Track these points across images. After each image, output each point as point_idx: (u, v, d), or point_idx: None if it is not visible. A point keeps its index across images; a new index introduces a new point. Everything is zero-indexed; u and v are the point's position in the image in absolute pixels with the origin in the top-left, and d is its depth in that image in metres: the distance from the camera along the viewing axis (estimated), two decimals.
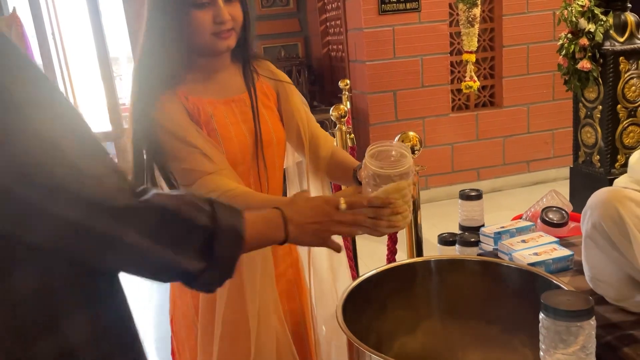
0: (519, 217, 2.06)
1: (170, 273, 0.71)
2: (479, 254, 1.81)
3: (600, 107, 2.61)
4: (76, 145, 0.62)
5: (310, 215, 0.92)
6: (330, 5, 4.94)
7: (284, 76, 1.36)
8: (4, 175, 0.57)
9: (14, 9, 5.13)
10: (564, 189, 3.32)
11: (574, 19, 2.50)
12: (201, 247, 0.71)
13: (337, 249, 1.00)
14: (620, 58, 2.50)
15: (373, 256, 3.04)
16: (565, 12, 2.55)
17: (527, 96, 4.29)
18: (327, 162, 1.36)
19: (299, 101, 1.36)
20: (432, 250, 2.09)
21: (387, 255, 1.84)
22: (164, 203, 0.68)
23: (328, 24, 5.14)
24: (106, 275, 0.71)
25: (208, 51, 1.15)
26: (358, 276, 1.25)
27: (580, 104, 2.74)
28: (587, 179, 2.70)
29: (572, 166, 2.96)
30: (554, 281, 1.15)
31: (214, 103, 1.18)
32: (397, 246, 1.88)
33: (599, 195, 1.22)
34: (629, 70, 2.49)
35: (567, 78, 2.70)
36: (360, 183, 1.14)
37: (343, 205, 0.95)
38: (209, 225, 0.72)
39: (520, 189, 4.36)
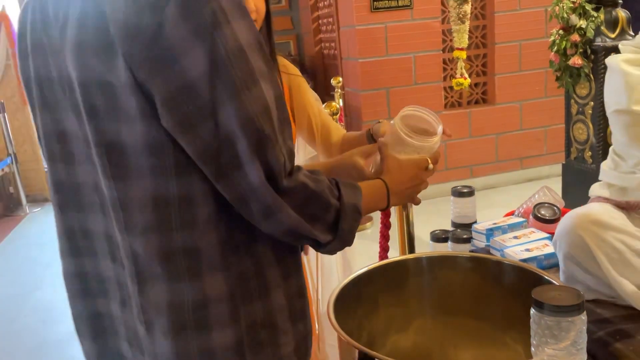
0: (511, 213, 2.06)
1: (305, 240, 0.84)
2: (472, 251, 1.80)
3: (592, 103, 2.62)
4: (279, 113, 0.76)
5: (406, 182, 1.00)
6: (322, 3, 4.93)
7: (295, 70, 1.34)
8: (230, 118, 0.71)
9: (3, 7, 5.10)
10: (557, 185, 3.32)
11: (565, 15, 2.50)
12: (330, 223, 0.84)
13: (418, 203, 1.09)
14: (612, 54, 2.49)
15: (365, 254, 3.04)
16: (557, 8, 2.55)
17: (520, 93, 4.30)
18: (339, 147, 1.37)
19: (310, 95, 1.36)
20: (425, 248, 2.09)
21: (380, 253, 1.83)
22: (309, 185, 0.80)
23: (320, 21, 5.13)
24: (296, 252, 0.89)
25: None
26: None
27: (572, 101, 2.75)
28: (579, 175, 2.71)
29: (564, 162, 2.96)
30: (545, 277, 1.15)
31: None
32: (389, 243, 1.88)
33: (565, 223, 1.27)
34: None
35: (558, 74, 2.70)
36: (374, 140, 1.20)
37: (431, 166, 1.03)
38: (337, 205, 0.84)
39: (513, 186, 4.37)
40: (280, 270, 0.86)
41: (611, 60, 1.33)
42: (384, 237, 1.82)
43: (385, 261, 1.37)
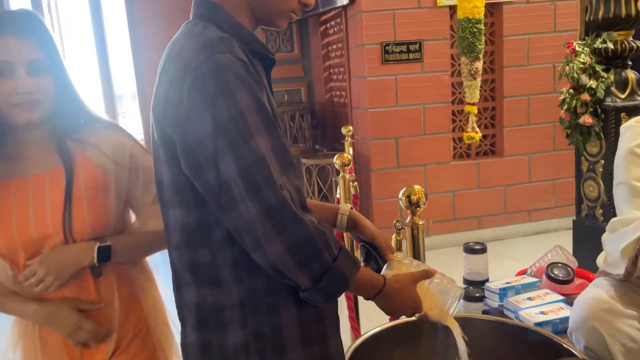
0: (524, 271, 2.04)
1: (287, 278, 0.93)
2: (484, 311, 1.78)
3: (602, 161, 2.63)
4: (281, 158, 0.92)
5: (400, 302, 1.07)
6: (334, 53, 5.04)
7: (132, 159, 1.28)
8: (228, 166, 0.88)
9: None
10: (567, 239, 3.30)
11: (575, 75, 2.54)
12: (315, 275, 0.92)
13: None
14: (622, 114, 2.53)
15: (373, 305, 2.99)
16: (567, 67, 2.60)
17: (528, 146, 4.33)
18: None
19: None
20: None
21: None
22: (311, 230, 0.91)
23: (331, 70, 5.24)
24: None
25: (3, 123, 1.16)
26: (360, 332, 1.25)
27: (583, 158, 2.76)
28: (590, 233, 2.69)
29: (574, 219, 2.95)
30: (564, 345, 1.13)
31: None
32: None
33: (578, 313, 1.28)
34: None
35: (569, 132, 2.73)
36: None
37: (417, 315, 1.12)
38: (329, 263, 0.93)
39: (521, 239, 4.34)
40: (292, 294, 0.98)
41: (627, 134, 1.33)
42: None
43: (398, 321, 1.36)
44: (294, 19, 1.08)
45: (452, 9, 3.92)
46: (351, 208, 1.25)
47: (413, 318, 1.16)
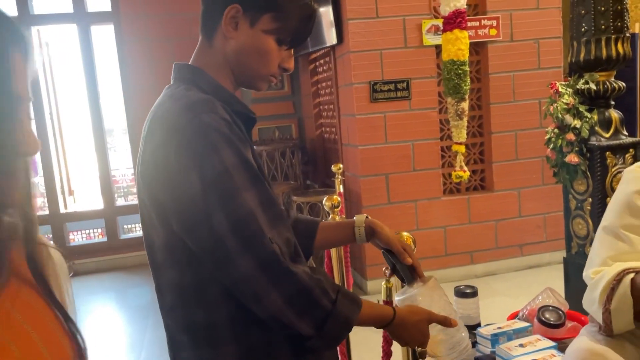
0: (516, 314, 2.03)
1: (288, 329, 0.94)
2: (477, 358, 1.76)
3: (590, 199, 2.65)
4: (269, 213, 0.94)
5: (409, 335, 1.08)
6: (324, 91, 5.11)
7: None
8: (221, 223, 0.90)
9: None
10: (558, 274, 3.29)
11: (559, 115, 2.59)
12: (317, 322, 0.94)
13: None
14: (607, 153, 2.56)
15: (364, 345, 2.96)
16: (551, 108, 2.64)
17: (517, 181, 4.36)
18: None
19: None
20: None
21: (383, 346, 1.79)
22: (305, 280, 0.92)
23: (322, 107, 5.30)
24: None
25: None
26: None
27: (570, 196, 2.79)
28: (580, 270, 2.67)
29: (565, 256, 2.96)
30: None
31: None
32: (392, 348, 1.83)
33: (571, 357, 1.26)
34: (615, 164, 2.56)
35: (556, 170, 2.75)
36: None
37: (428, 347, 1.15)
38: (329, 308, 0.94)
39: (514, 273, 4.33)
40: (291, 349, 0.98)
41: (628, 179, 1.32)
42: (387, 342, 1.78)
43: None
44: (273, 82, 1.11)
45: (438, 47, 3.99)
46: (367, 217, 1.26)
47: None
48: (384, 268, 1.39)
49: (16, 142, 0.50)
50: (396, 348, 1.84)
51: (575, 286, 2.72)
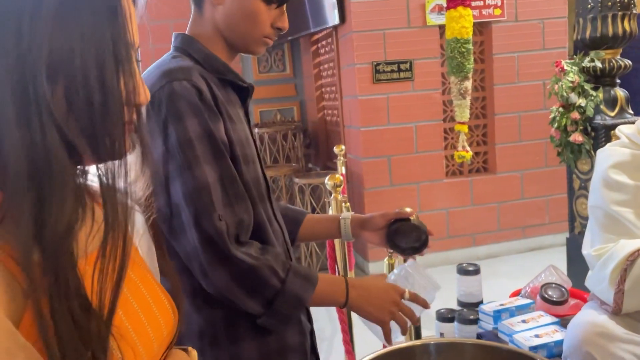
0: (518, 292, 2.03)
1: (238, 306, 0.95)
2: (479, 334, 1.76)
3: None
4: (229, 189, 0.94)
5: (374, 292, 1.06)
6: (326, 72, 5.07)
7: None
8: (177, 191, 0.91)
9: None
10: (561, 255, 3.28)
11: (564, 93, 2.56)
12: (265, 301, 0.95)
13: (387, 337, 1.11)
14: (612, 132, 2.54)
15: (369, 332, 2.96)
16: (556, 86, 2.61)
17: (520, 163, 4.34)
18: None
19: None
20: (430, 325, 2.04)
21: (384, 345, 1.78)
22: (247, 260, 0.92)
23: (323, 89, 5.26)
24: None
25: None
26: (354, 356, 1.24)
27: (574, 175, 2.77)
28: None
29: (568, 236, 2.94)
30: None
31: None
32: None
33: (571, 337, 1.27)
34: None
35: (560, 150, 2.73)
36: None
37: (407, 295, 1.08)
38: (277, 287, 0.95)
39: (516, 256, 4.33)
40: (254, 326, 0.97)
41: (601, 158, 1.34)
42: None
43: (391, 347, 1.33)
44: (270, 44, 1.09)
45: (442, 28, 3.95)
46: (353, 213, 1.25)
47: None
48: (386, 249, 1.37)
49: (130, 91, 0.49)
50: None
51: (578, 266, 2.71)
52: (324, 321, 3.27)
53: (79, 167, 0.49)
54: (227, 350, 0.98)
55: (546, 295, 1.84)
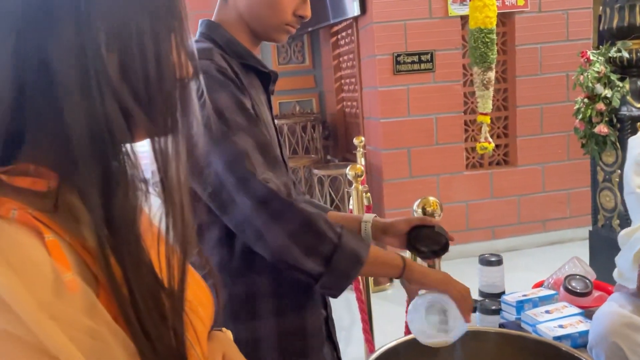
0: (541, 284, 2.01)
1: (294, 269, 0.91)
2: (501, 324, 1.75)
3: (619, 171, 2.59)
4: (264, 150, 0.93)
5: (433, 273, 1.05)
6: (345, 64, 5.06)
7: None
8: (218, 163, 0.90)
9: None
10: (582, 250, 3.25)
11: (590, 84, 2.52)
12: (326, 256, 0.91)
13: (468, 312, 1.09)
14: (638, 123, 2.50)
15: (384, 317, 2.97)
16: (581, 77, 2.58)
17: (542, 155, 4.29)
18: None
19: None
20: None
21: (406, 322, 1.79)
22: (307, 212, 0.90)
23: (343, 81, 5.25)
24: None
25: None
26: (374, 344, 1.23)
27: (598, 167, 2.73)
28: (607, 244, 2.65)
29: (590, 229, 2.91)
30: (583, 358, 1.11)
31: None
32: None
33: (598, 328, 1.26)
34: None
35: (584, 142, 2.70)
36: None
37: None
38: (335, 240, 0.91)
39: (536, 249, 4.29)
40: (272, 305, 0.98)
41: (632, 145, 1.36)
42: None
43: (413, 335, 1.34)
44: (292, 32, 1.09)
45: (464, 18, 3.92)
46: (375, 216, 1.20)
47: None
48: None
49: (183, 63, 0.48)
50: None
51: (601, 259, 2.69)
52: (343, 311, 3.28)
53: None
54: (246, 326, 0.98)
55: (570, 287, 1.82)
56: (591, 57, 2.56)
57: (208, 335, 0.61)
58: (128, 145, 0.44)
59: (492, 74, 2.73)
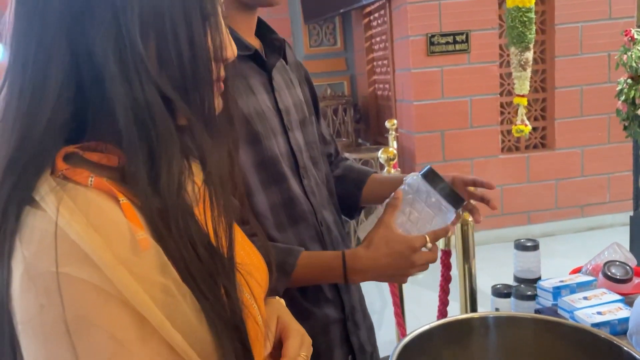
0: (578, 269, 1.97)
1: None
2: (537, 310, 1.72)
3: None
4: None
5: (384, 264, 0.91)
6: (378, 46, 4.99)
7: None
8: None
9: None
10: (622, 236, 3.15)
11: (634, 64, 2.42)
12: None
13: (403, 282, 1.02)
14: None
15: (415, 302, 2.96)
16: (625, 56, 2.47)
17: (581, 139, 4.16)
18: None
19: None
20: (485, 301, 2.01)
21: (439, 307, 1.78)
22: None
23: (375, 63, 5.19)
24: None
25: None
26: (405, 328, 1.22)
27: None
28: None
29: (632, 215, 2.82)
30: (625, 347, 1.08)
31: None
32: (449, 297, 1.82)
33: (639, 315, 1.21)
34: None
35: (626, 124, 2.60)
36: None
37: (429, 245, 0.93)
38: None
39: (574, 235, 4.19)
40: (299, 306, 0.95)
41: None
42: (444, 292, 1.77)
43: (449, 319, 1.33)
44: None
45: None
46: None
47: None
48: None
49: (218, 46, 0.50)
50: (452, 308, 1.83)
51: None
52: (374, 295, 3.29)
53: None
54: None
55: (609, 273, 1.77)
56: (635, 36, 2.45)
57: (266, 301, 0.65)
58: (171, 126, 0.47)
59: (530, 55, 2.65)
